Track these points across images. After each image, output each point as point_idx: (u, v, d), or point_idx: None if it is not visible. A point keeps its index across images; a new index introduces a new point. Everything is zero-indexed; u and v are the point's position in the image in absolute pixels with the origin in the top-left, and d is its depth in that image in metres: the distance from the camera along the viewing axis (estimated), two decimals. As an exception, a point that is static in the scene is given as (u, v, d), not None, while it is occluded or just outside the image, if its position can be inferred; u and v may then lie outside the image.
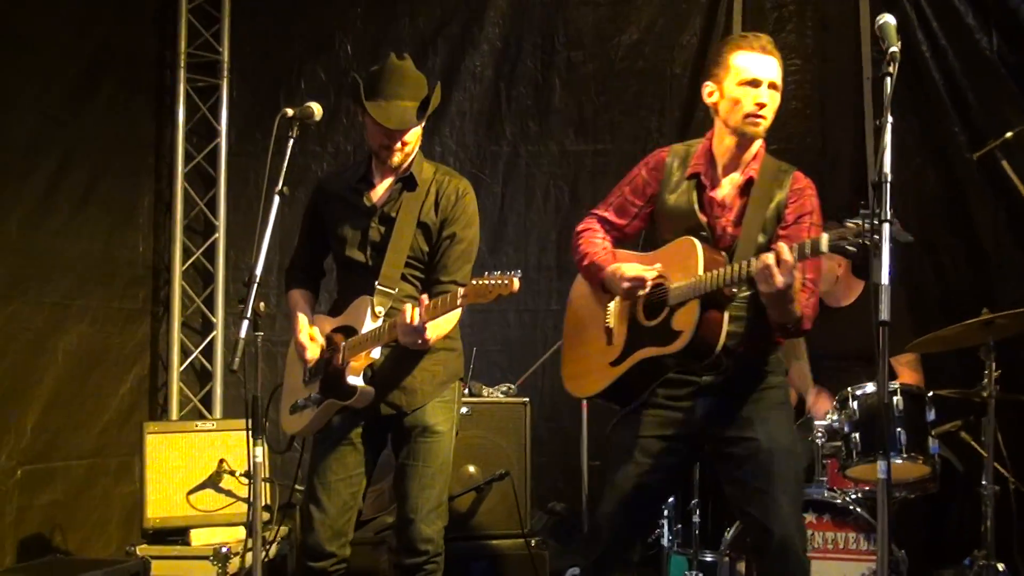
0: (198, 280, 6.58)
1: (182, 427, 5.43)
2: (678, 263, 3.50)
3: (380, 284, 3.85)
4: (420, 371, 3.91)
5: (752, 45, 3.56)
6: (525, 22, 6.38)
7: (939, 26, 5.82)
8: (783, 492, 3.48)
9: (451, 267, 3.91)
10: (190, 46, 6.48)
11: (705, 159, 3.65)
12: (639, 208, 3.76)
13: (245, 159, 6.53)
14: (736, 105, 3.54)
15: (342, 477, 3.92)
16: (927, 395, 4.42)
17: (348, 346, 3.85)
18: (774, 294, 3.23)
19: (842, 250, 3.04)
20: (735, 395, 3.59)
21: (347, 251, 3.97)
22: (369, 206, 3.95)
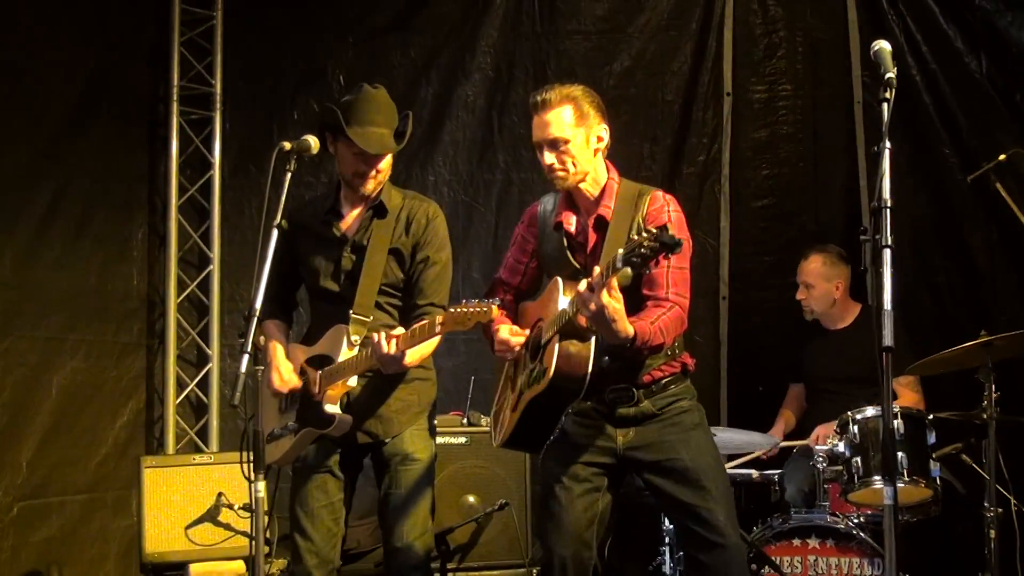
0: (193, 313, 6.54)
1: (179, 461, 5.41)
2: (551, 304, 3.58)
3: (355, 313, 3.87)
4: (395, 400, 3.94)
5: (532, 105, 3.65)
6: (516, 51, 6.38)
7: (928, 50, 5.86)
8: (718, 505, 3.58)
9: (427, 290, 3.93)
10: (183, 79, 6.44)
11: (565, 205, 3.73)
12: (525, 264, 3.90)
13: (239, 191, 6.51)
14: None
15: (324, 504, 3.94)
16: (928, 418, 4.41)
17: (325, 375, 3.86)
18: (591, 318, 3.27)
19: (631, 263, 3.06)
20: (651, 424, 3.65)
21: (321, 282, 3.99)
22: (339, 236, 3.98)
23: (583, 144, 3.61)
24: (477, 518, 5.07)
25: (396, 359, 3.66)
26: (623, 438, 3.65)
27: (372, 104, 3.87)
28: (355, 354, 3.82)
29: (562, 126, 3.58)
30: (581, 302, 3.25)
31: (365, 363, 3.77)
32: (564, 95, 3.60)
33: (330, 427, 3.82)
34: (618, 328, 3.28)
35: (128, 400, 6.15)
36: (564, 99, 3.60)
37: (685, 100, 6.22)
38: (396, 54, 6.43)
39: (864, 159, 5.94)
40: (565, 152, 3.59)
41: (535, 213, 3.86)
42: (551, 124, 3.58)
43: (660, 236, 3.02)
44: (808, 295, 5.34)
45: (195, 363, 6.51)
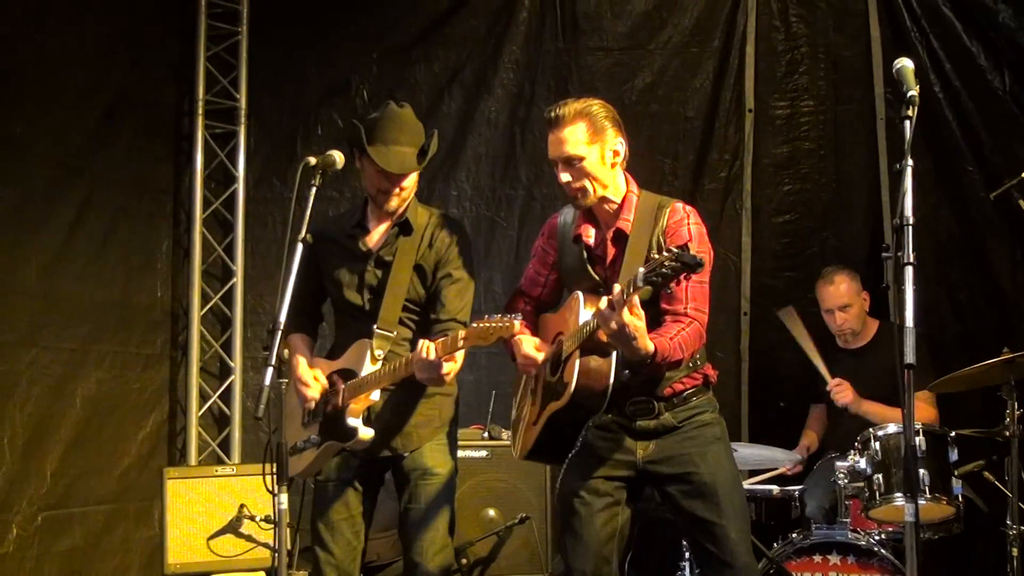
0: (216, 325, 6.58)
1: (202, 472, 5.44)
2: (572, 317, 3.59)
3: (379, 327, 3.89)
4: (416, 415, 3.96)
5: (546, 122, 3.63)
6: (539, 67, 6.41)
7: (952, 67, 5.85)
8: (731, 522, 3.56)
9: (448, 305, 3.94)
10: (208, 93, 6.50)
11: (584, 218, 3.72)
12: (545, 276, 3.91)
13: (262, 204, 6.55)
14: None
15: (344, 517, 3.97)
16: (950, 435, 4.39)
17: (348, 388, 3.88)
18: (612, 336, 3.27)
19: (651, 282, 3.08)
20: (671, 436, 3.65)
21: (345, 294, 4.02)
22: (365, 251, 4.01)
23: (598, 161, 3.60)
24: (497, 531, 5.08)
25: (434, 365, 3.65)
26: (643, 451, 3.65)
27: (396, 122, 3.89)
28: (378, 368, 3.84)
29: (576, 143, 3.56)
30: (602, 320, 3.26)
31: (388, 377, 3.79)
32: (577, 111, 3.58)
33: (352, 440, 3.84)
34: (638, 345, 3.29)
35: (151, 411, 6.19)
36: (577, 115, 3.58)
37: (707, 116, 6.23)
38: (419, 69, 6.47)
39: (887, 176, 5.93)
40: (581, 170, 3.58)
41: (555, 225, 3.86)
42: (565, 142, 3.57)
43: (681, 256, 3.03)
44: (847, 316, 5.31)
45: (218, 375, 6.55)
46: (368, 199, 4.06)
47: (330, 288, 4.09)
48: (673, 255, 3.04)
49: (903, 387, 2.87)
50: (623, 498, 3.70)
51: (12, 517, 5.21)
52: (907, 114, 3.08)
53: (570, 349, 3.49)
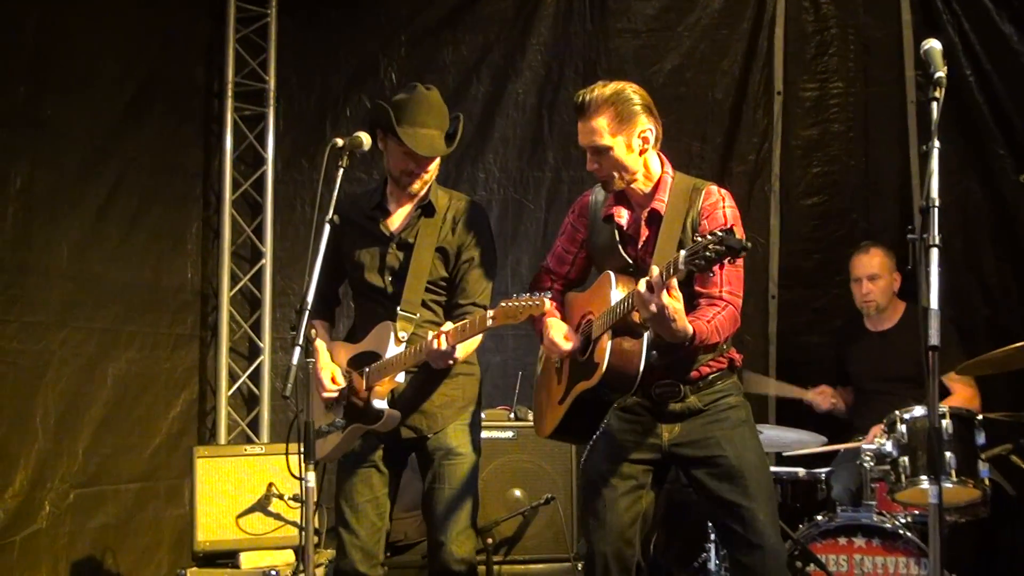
0: (245, 306, 6.64)
1: (231, 451, 5.47)
2: (600, 298, 3.59)
3: (402, 309, 3.92)
4: (439, 396, 3.99)
5: (575, 108, 3.62)
6: (567, 50, 6.41)
7: (983, 49, 5.80)
8: (759, 505, 3.57)
9: (470, 289, 3.98)
10: (237, 75, 6.55)
11: (616, 197, 3.71)
12: (574, 255, 3.90)
13: (291, 186, 6.60)
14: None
15: (369, 499, 4.00)
16: (977, 418, 4.38)
17: (373, 371, 3.90)
18: (650, 318, 3.27)
19: (695, 265, 3.08)
20: (696, 419, 3.65)
21: (366, 277, 4.04)
22: (387, 233, 4.02)
23: (625, 149, 3.58)
24: (523, 512, 5.11)
25: (447, 354, 3.72)
26: (668, 434, 3.66)
27: (424, 105, 3.91)
28: (402, 350, 3.86)
29: (602, 134, 3.55)
30: (640, 301, 3.25)
31: (412, 359, 3.82)
32: (604, 100, 3.56)
33: (379, 423, 3.88)
34: (677, 328, 3.29)
35: (181, 391, 6.26)
36: (604, 104, 3.55)
37: (735, 99, 6.21)
38: (448, 52, 6.49)
39: (916, 158, 5.90)
40: (608, 158, 3.58)
41: (586, 203, 3.84)
42: (591, 132, 3.57)
43: (727, 240, 3.03)
44: (874, 287, 5.30)
45: (247, 356, 6.61)
46: (388, 180, 4.07)
47: (349, 269, 4.11)
48: (717, 239, 3.04)
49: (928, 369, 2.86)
50: (648, 481, 3.71)
51: (45, 494, 5.28)
52: (935, 96, 3.07)
53: (601, 330, 3.50)
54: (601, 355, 3.45)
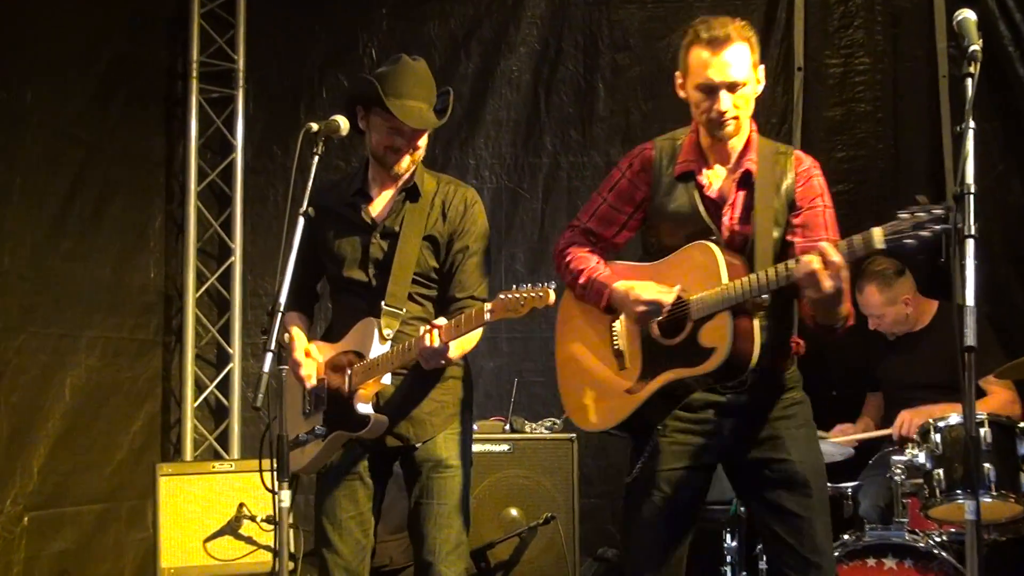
0: (213, 308, 6.65)
1: (197, 468, 5.47)
2: (695, 272, 3.46)
3: (387, 304, 3.90)
4: (429, 401, 3.96)
5: (706, 40, 3.49)
6: (565, 22, 6.41)
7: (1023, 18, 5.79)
8: (818, 517, 3.54)
9: (467, 282, 3.96)
10: (202, 54, 6.56)
11: (695, 154, 3.62)
12: (628, 215, 3.73)
13: (263, 176, 6.60)
14: (698, 108, 3.54)
15: (352, 514, 3.98)
16: (1018, 426, 4.38)
17: (356, 372, 3.88)
18: (823, 299, 3.22)
19: (900, 246, 3.03)
20: (760, 414, 3.59)
21: (346, 271, 4.01)
22: (368, 221, 4.00)
23: (753, 90, 3.57)
24: (520, 532, 5.11)
25: (440, 353, 3.68)
26: (729, 430, 3.59)
27: (412, 76, 3.90)
28: (389, 349, 3.85)
29: (743, 66, 3.50)
30: (811, 280, 3.17)
31: (400, 359, 3.79)
32: (742, 31, 3.52)
33: (364, 429, 3.84)
34: (842, 309, 3.28)
35: (143, 402, 6.28)
36: (742, 35, 3.51)
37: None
38: (434, 25, 6.49)
39: (949, 140, 5.88)
40: (741, 96, 3.51)
41: (649, 157, 3.68)
42: (733, 64, 3.48)
43: (946, 218, 2.98)
44: (880, 323, 5.34)
45: (215, 363, 6.62)
46: (369, 164, 4.06)
47: (328, 263, 4.08)
48: (938, 216, 2.99)
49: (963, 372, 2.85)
50: (703, 488, 3.66)
51: (-4, 517, 5.29)
52: (969, 71, 3.04)
53: (712, 309, 3.38)
54: (718, 338, 3.37)
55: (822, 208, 3.57)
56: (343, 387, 3.91)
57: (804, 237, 3.51)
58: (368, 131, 3.98)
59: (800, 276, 3.21)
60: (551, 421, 5.47)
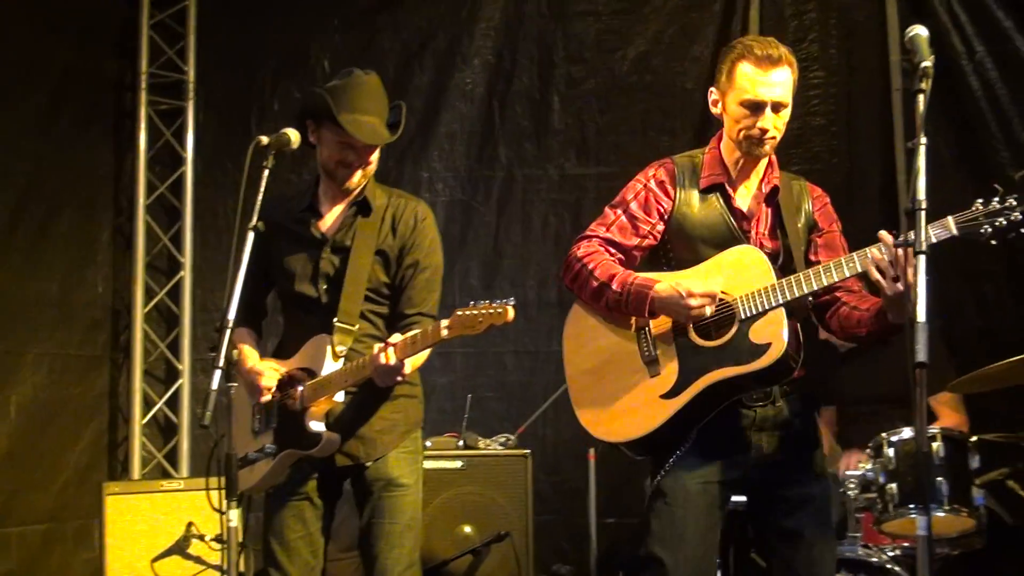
0: (162, 324, 6.61)
1: (145, 487, 5.44)
2: (740, 273, 3.52)
3: (339, 321, 3.88)
4: (379, 419, 3.95)
5: (758, 58, 3.55)
6: (520, 34, 6.44)
7: (976, 33, 5.86)
8: (829, 546, 3.59)
9: (416, 298, 3.95)
10: (152, 65, 6.53)
11: (720, 168, 3.70)
12: (651, 226, 3.71)
13: (213, 189, 6.58)
14: (737, 124, 3.60)
15: (302, 535, 3.95)
16: (970, 440, 4.42)
17: (308, 389, 3.86)
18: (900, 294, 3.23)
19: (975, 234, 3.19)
20: (790, 430, 3.60)
21: (296, 286, 3.99)
22: (319, 236, 3.99)
23: (790, 112, 3.64)
24: (474, 550, 5.10)
25: (395, 370, 3.67)
26: (755, 447, 3.59)
27: (364, 90, 3.90)
28: (341, 366, 3.84)
29: (788, 89, 3.58)
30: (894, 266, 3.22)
31: (354, 376, 3.77)
32: (789, 56, 3.59)
33: (315, 448, 3.82)
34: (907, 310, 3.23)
35: (90, 420, 6.23)
36: (790, 60, 3.58)
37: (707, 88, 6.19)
38: (387, 37, 6.49)
39: (902, 153, 5.95)
40: (781, 117, 3.59)
41: (672, 171, 3.73)
42: (781, 85, 3.56)
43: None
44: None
45: (164, 379, 6.58)
46: (320, 178, 4.05)
47: (279, 279, 4.07)
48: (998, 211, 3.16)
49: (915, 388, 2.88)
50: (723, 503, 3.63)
51: (-62, 540, 5.24)
52: (921, 87, 3.08)
53: (761, 307, 3.43)
54: (772, 334, 3.40)
55: (839, 232, 3.72)
56: (294, 405, 3.89)
57: (827, 257, 3.61)
58: (319, 145, 3.97)
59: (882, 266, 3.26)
60: (505, 437, 5.46)
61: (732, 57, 3.61)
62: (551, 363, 6.23)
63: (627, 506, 5.83)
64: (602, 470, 5.38)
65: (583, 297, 3.75)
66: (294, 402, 3.89)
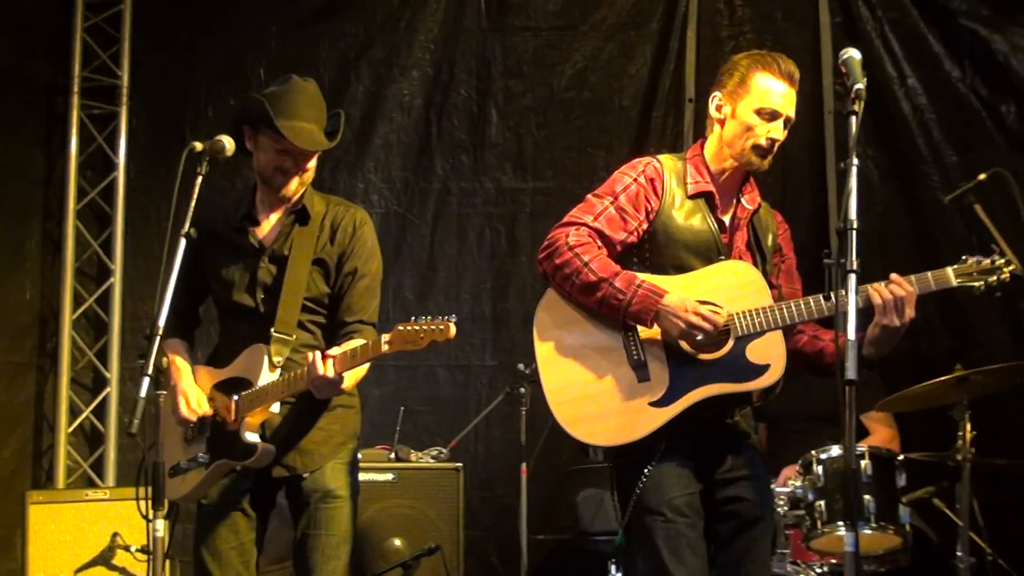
0: (90, 331, 6.53)
1: (70, 496, 5.38)
2: (736, 289, 3.56)
3: (276, 331, 3.85)
4: (316, 430, 3.92)
5: (780, 71, 3.64)
6: (459, 47, 6.44)
7: (907, 57, 5.97)
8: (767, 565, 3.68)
9: (356, 306, 3.93)
10: (85, 69, 6.46)
11: (708, 176, 3.72)
12: (638, 223, 3.67)
13: (145, 195, 6.51)
14: (746, 132, 3.64)
15: (233, 545, 3.91)
16: (897, 459, 4.48)
17: (243, 400, 3.83)
18: (895, 330, 3.42)
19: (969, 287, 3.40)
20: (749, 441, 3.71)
21: (234, 295, 3.96)
22: (256, 245, 3.96)
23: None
24: (404, 563, 5.08)
25: (334, 383, 3.65)
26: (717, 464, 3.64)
27: (302, 96, 3.88)
28: (278, 377, 3.81)
29: (795, 107, 3.68)
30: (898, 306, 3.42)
31: (291, 387, 3.75)
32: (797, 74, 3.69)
33: (251, 459, 3.80)
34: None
35: (15, 427, 6.14)
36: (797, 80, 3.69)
37: (643, 106, 6.30)
38: (324, 45, 6.47)
39: (833, 174, 6.02)
40: (783, 133, 3.68)
41: (659, 171, 3.71)
42: (792, 102, 3.67)
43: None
44: None
45: (91, 387, 6.49)
46: (257, 186, 4.03)
47: (215, 288, 4.03)
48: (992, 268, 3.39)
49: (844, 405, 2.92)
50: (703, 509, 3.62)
51: None
52: (853, 109, 3.15)
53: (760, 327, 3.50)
54: (771, 356, 3.50)
55: (794, 260, 3.84)
56: (229, 415, 3.86)
57: (786, 283, 3.77)
58: (256, 152, 3.94)
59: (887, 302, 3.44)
60: (437, 450, 5.46)
61: (749, 64, 3.68)
62: (484, 377, 6.24)
63: (558, 523, 5.85)
64: (533, 486, 5.37)
65: (567, 287, 3.62)
66: (229, 413, 3.85)
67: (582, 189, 3.84)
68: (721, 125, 3.71)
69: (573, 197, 6.06)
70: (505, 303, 6.32)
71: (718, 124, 3.72)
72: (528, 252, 6.27)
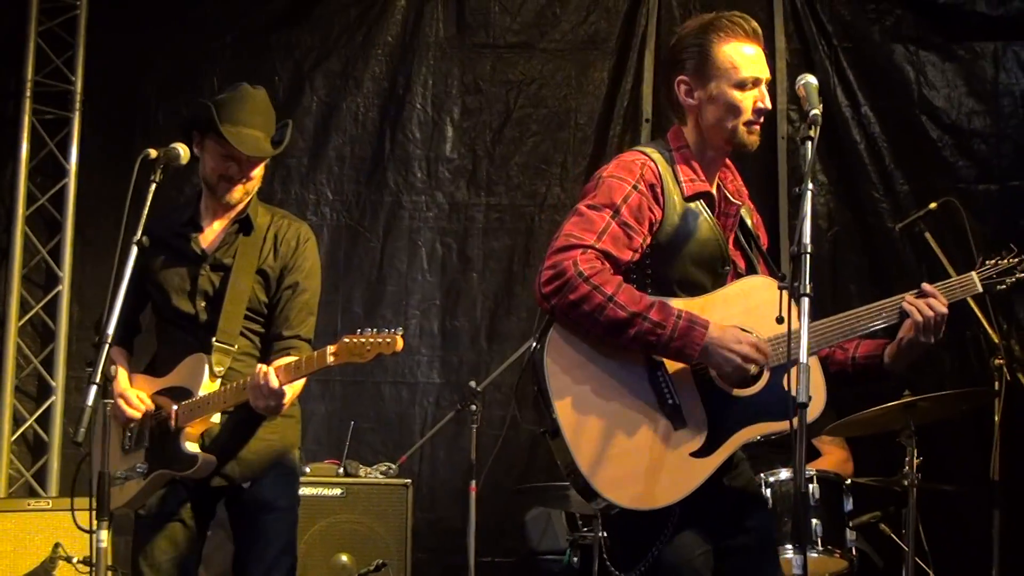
0: (36, 338, 6.46)
1: (12, 506, 5.32)
2: (761, 310, 3.12)
3: (218, 340, 3.82)
4: (257, 440, 3.90)
5: (746, 32, 3.17)
6: (415, 61, 6.44)
7: (859, 85, 6.04)
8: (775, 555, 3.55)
9: (293, 320, 3.90)
10: (38, 73, 6.42)
11: (702, 173, 3.22)
12: (643, 239, 3.12)
13: (96, 202, 6.45)
14: (731, 110, 3.15)
15: (172, 556, 3.87)
16: (845, 483, 4.51)
17: (184, 410, 3.78)
18: (926, 344, 3.19)
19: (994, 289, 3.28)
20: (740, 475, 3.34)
21: (174, 302, 3.92)
22: (199, 252, 3.93)
23: None
24: (350, 580, 5.06)
25: (277, 395, 3.61)
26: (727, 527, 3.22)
27: (250, 103, 3.87)
28: (219, 387, 3.77)
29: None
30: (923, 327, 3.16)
31: (233, 397, 3.72)
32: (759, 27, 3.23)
33: (191, 469, 3.75)
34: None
35: (-43, 436, 6.03)
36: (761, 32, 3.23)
37: (600, 124, 6.32)
38: (279, 56, 6.46)
39: (786, 199, 6.06)
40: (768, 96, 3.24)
41: (655, 171, 3.16)
42: (764, 59, 3.19)
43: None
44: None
45: (35, 396, 6.42)
46: (203, 193, 4.00)
47: (155, 294, 3.98)
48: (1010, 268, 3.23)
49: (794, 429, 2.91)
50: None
51: None
52: (809, 134, 3.05)
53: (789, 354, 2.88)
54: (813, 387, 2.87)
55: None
56: (168, 425, 3.82)
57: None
58: (202, 157, 3.92)
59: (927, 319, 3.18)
60: (386, 466, 5.42)
61: (711, 36, 3.17)
62: (430, 395, 6.22)
63: (506, 545, 5.82)
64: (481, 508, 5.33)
65: (586, 325, 3.04)
66: (168, 422, 3.81)
67: (535, 206, 3.84)
68: (697, 111, 3.19)
69: (526, 214, 6.16)
70: (454, 320, 6.30)
71: (692, 111, 3.21)
72: (479, 268, 6.27)
